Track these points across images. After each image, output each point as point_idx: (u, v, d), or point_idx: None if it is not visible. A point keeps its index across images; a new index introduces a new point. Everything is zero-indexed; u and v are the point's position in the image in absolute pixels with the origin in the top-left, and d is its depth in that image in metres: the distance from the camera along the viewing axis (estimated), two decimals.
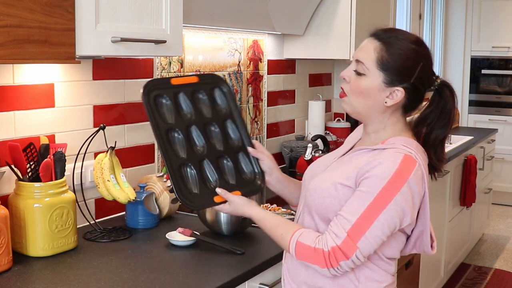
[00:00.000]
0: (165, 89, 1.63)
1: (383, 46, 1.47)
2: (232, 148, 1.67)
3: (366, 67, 1.48)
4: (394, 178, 1.40)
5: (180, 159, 1.58)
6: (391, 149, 1.46)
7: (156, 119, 1.59)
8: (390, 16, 3.64)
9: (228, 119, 1.70)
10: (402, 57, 1.47)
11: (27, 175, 1.83)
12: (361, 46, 1.53)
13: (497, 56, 6.17)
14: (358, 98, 1.51)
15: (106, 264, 1.77)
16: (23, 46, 1.48)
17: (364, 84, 1.49)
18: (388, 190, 1.40)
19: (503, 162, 6.09)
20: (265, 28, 2.92)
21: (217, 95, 1.72)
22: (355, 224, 1.40)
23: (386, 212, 1.40)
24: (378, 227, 1.40)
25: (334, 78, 3.97)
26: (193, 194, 1.57)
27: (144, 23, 1.83)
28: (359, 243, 1.40)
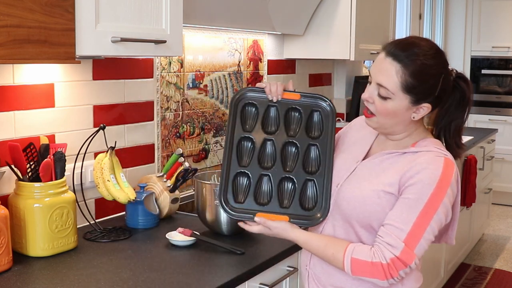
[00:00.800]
0: (260, 98, 1.63)
1: (404, 68, 1.45)
2: (304, 173, 1.59)
3: (390, 92, 1.47)
4: (441, 182, 1.43)
5: (240, 166, 1.57)
6: (429, 152, 1.48)
7: (236, 125, 1.59)
8: (390, 16, 3.64)
9: (315, 145, 1.62)
10: (425, 77, 1.47)
11: (27, 175, 1.83)
12: (379, 67, 1.50)
13: (497, 56, 6.17)
14: (386, 118, 1.51)
15: (106, 264, 1.77)
16: (23, 46, 1.48)
17: (391, 106, 1.49)
18: (436, 195, 1.43)
19: (503, 162, 6.09)
20: (265, 28, 2.92)
21: (315, 117, 1.65)
22: (410, 233, 1.41)
23: (436, 216, 1.43)
24: (430, 231, 1.43)
25: (334, 78, 3.97)
26: (237, 203, 1.55)
27: (144, 23, 1.83)
28: (416, 250, 1.42)
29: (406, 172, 1.46)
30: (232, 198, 1.55)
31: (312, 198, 1.58)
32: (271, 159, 1.60)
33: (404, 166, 1.47)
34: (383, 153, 1.56)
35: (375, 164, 1.55)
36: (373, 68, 1.53)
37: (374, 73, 1.51)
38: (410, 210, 1.42)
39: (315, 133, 1.63)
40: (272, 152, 1.60)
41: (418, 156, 1.48)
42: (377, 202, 1.48)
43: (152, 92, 2.42)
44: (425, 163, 1.45)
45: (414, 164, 1.46)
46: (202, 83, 2.70)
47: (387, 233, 1.43)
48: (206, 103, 2.73)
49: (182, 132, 2.61)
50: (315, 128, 1.64)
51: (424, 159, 1.46)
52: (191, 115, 2.65)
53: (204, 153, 2.75)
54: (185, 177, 2.24)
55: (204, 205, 2.05)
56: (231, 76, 2.89)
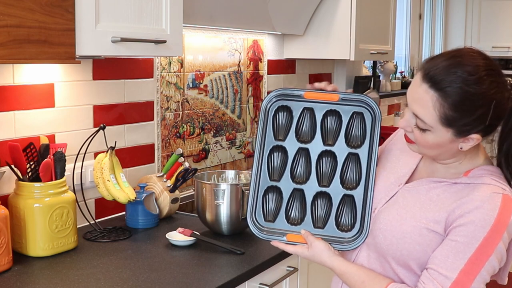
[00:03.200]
0: (294, 101, 1.44)
1: (442, 99, 1.23)
2: (341, 189, 1.42)
3: (428, 125, 1.27)
4: (496, 225, 1.22)
5: (271, 181, 1.44)
6: (484, 185, 1.27)
7: (266, 132, 1.45)
8: (390, 16, 3.63)
9: (355, 155, 1.43)
10: (470, 108, 1.23)
11: (27, 175, 1.83)
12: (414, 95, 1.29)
13: (497, 56, 6.17)
14: (429, 149, 1.32)
15: (106, 264, 1.77)
16: (23, 46, 1.48)
17: (431, 139, 1.29)
18: (490, 240, 1.23)
19: None
20: (265, 28, 2.92)
21: (357, 122, 1.44)
22: (456, 281, 1.23)
23: (488, 264, 1.23)
24: (480, 280, 1.24)
25: (334, 78, 3.97)
26: (267, 222, 1.44)
27: (144, 23, 1.83)
28: None
29: (456, 209, 1.26)
30: (261, 216, 1.43)
31: (349, 218, 1.42)
32: (305, 171, 1.44)
33: (454, 201, 1.28)
34: (431, 180, 1.36)
35: (420, 193, 1.35)
36: (408, 92, 1.31)
37: (409, 100, 1.30)
38: (458, 255, 1.23)
39: (356, 141, 1.44)
40: (307, 163, 1.44)
41: (471, 190, 1.27)
42: (417, 240, 1.30)
43: (152, 92, 2.42)
44: (479, 201, 1.24)
45: (466, 200, 1.26)
46: (202, 83, 2.70)
47: (430, 279, 1.26)
48: (206, 103, 2.73)
49: (182, 132, 2.61)
50: (356, 136, 1.44)
51: (478, 196, 1.25)
52: (191, 115, 2.65)
53: (204, 153, 2.75)
54: (185, 177, 2.24)
55: (204, 205, 2.05)
56: (231, 76, 2.89)
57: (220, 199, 2.00)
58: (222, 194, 2.00)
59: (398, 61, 5.46)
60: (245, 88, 3.00)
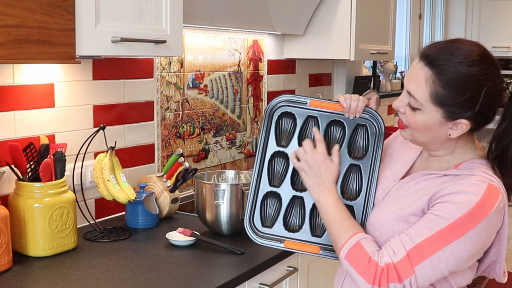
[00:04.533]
0: (298, 108, 1.44)
1: (435, 76, 1.26)
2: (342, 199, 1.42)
3: (419, 103, 1.30)
4: (475, 210, 1.23)
5: (270, 186, 1.44)
6: (471, 176, 1.29)
7: (269, 138, 1.44)
8: (390, 16, 3.64)
9: (357, 166, 1.44)
10: (459, 89, 1.26)
11: (27, 175, 1.83)
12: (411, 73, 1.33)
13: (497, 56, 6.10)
14: (418, 132, 1.35)
15: (106, 264, 1.77)
16: (23, 46, 1.48)
17: (421, 119, 1.31)
18: (464, 222, 1.23)
19: None
20: (265, 28, 2.92)
21: (360, 133, 1.45)
22: (418, 245, 1.24)
23: (455, 245, 1.24)
24: (442, 258, 1.24)
25: (334, 78, 3.97)
26: (264, 227, 1.44)
27: (144, 23, 1.83)
28: (417, 268, 1.24)
29: (440, 191, 1.29)
30: (259, 222, 1.43)
31: None
32: None
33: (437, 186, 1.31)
34: (423, 173, 1.39)
35: (410, 186, 1.38)
36: (407, 74, 1.36)
37: (406, 79, 1.35)
38: (428, 225, 1.26)
39: (358, 153, 1.44)
40: None
41: (459, 179, 1.30)
42: (404, 227, 1.31)
43: (152, 92, 2.42)
44: (463, 186, 1.26)
45: (450, 184, 1.29)
46: (202, 83, 2.70)
47: (396, 239, 1.28)
48: (206, 103, 2.73)
49: (182, 132, 2.61)
50: (359, 147, 1.45)
51: (463, 182, 1.28)
52: (191, 115, 2.65)
53: (204, 153, 2.75)
54: (185, 177, 2.24)
55: (204, 205, 2.05)
56: (231, 76, 2.89)
57: (220, 199, 2.00)
58: (222, 194, 2.00)
59: (398, 61, 5.46)
60: (245, 88, 3.00)
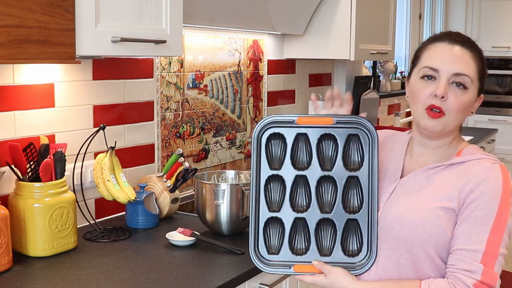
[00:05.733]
0: (286, 127, 1.41)
1: (475, 54, 1.40)
2: (345, 214, 1.40)
3: (470, 80, 1.37)
4: (504, 192, 1.32)
5: (270, 212, 1.40)
6: (480, 160, 1.37)
7: (261, 163, 1.40)
8: (390, 16, 3.64)
9: (356, 177, 1.41)
10: (484, 62, 1.43)
11: (27, 175, 1.83)
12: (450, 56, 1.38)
13: (497, 56, 6.17)
14: (457, 115, 1.38)
15: (106, 264, 1.77)
16: (23, 46, 1.48)
17: (468, 98, 1.38)
18: (504, 206, 1.32)
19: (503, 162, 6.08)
20: (265, 28, 2.92)
21: (353, 144, 1.42)
22: (486, 252, 1.29)
23: (507, 228, 1.32)
24: (504, 245, 1.32)
25: (334, 78, 3.97)
26: (271, 254, 1.41)
27: (144, 23, 1.83)
28: (496, 268, 1.30)
29: (465, 186, 1.33)
30: (265, 250, 1.40)
31: (356, 242, 1.40)
32: (305, 199, 1.41)
33: (459, 179, 1.35)
34: (427, 168, 1.41)
35: (421, 181, 1.40)
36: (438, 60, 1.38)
37: (445, 64, 1.37)
38: (480, 228, 1.30)
39: (354, 164, 1.42)
40: (306, 190, 1.41)
41: (470, 166, 1.36)
42: (435, 222, 1.33)
43: (152, 92, 2.42)
44: (484, 173, 1.33)
45: (471, 175, 1.34)
46: (202, 83, 2.70)
47: (460, 258, 1.30)
48: (206, 103, 2.73)
49: (182, 132, 2.61)
50: (354, 158, 1.42)
51: (480, 169, 1.34)
52: (191, 115, 2.65)
53: (204, 153, 2.75)
54: (185, 177, 2.24)
55: (204, 205, 2.05)
56: (231, 76, 2.89)
57: (220, 199, 2.00)
58: (222, 194, 2.00)
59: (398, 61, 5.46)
60: (245, 88, 3.00)
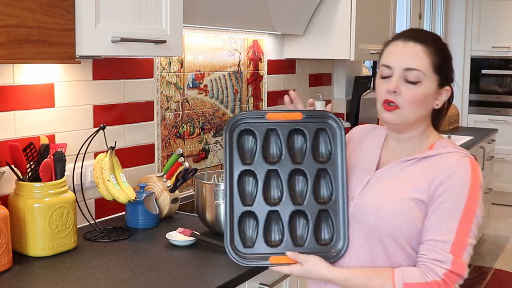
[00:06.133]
0: (257, 123, 1.45)
1: (430, 48, 1.43)
2: (317, 204, 1.45)
3: (422, 74, 1.41)
4: (473, 184, 1.38)
5: (244, 206, 1.43)
6: (452, 153, 1.42)
7: (233, 158, 1.43)
8: (390, 16, 3.64)
9: (326, 169, 1.46)
10: (447, 56, 1.47)
11: (27, 175, 1.83)
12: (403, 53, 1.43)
13: (497, 56, 6.17)
14: (413, 107, 1.43)
15: (106, 264, 1.77)
16: (23, 46, 1.48)
17: (422, 91, 1.42)
18: (472, 198, 1.37)
19: (503, 162, 6.09)
20: (265, 28, 2.92)
21: (322, 137, 1.47)
22: (455, 243, 1.36)
23: (475, 219, 1.38)
24: (472, 235, 1.38)
25: (334, 78, 3.97)
26: (246, 248, 1.42)
27: (144, 23, 1.83)
28: (464, 258, 1.37)
29: (435, 178, 1.38)
30: (240, 244, 1.42)
31: (328, 231, 1.45)
32: (277, 192, 1.44)
33: (430, 172, 1.40)
34: (401, 160, 1.46)
35: (395, 174, 1.45)
36: (391, 57, 1.45)
37: (397, 61, 1.43)
38: (450, 219, 1.36)
39: (324, 156, 1.47)
40: (278, 184, 1.44)
41: (441, 159, 1.41)
42: (407, 213, 1.39)
43: (152, 92, 2.42)
44: (454, 166, 1.39)
45: (441, 168, 1.39)
46: (202, 83, 2.70)
47: (430, 249, 1.36)
48: (206, 103, 2.73)
49: (182, 132, 2.61)
50: (323, 151, 1.47)
51: (450, 162, 1.39)
52: (191, 115, 2.65)
53: (204, 153, 2.75)
54: (185, 177, 2.24)
55: (204, 205, 2.05)
56: (231, 76, 2.89)
57: (220, 199, 2.00)
58: (222, 194, 2.00)
59: None
60: (245, 88, 3.00)
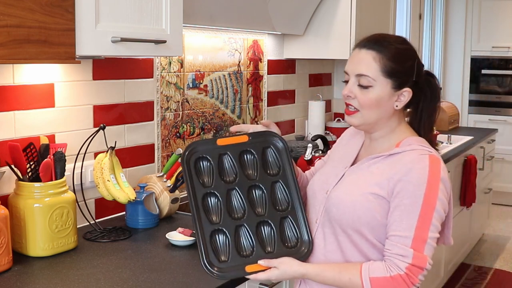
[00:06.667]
0: (209, 150, 1.55)
1: (381, 54, 1.49)
2: (277, 213, 1.55)
3: (371, 79, 1.49)
4: (431, 180, 1.43)
5: (213, 225, 1.50)
6: (413, 151, 1.48)
7: (194, 184, 1.52)
8: (390, 16, 3.64)
9: (278, 181, 1.58)
10: (402, 59, 1.51)
11: (27, 175, 1.83)
12: (355, 60, 1.53)
13: (497, 56, 6.17)
14: (369, 110, 1.51)
15: (106, 264, 1.77)
16: (23, 46, 1.48)
17: (374, 95, 1.50)
18: (430, 194, 1.42)
19: (503, 162, 6.09)
20: (265, 28, 2.92)
21: (269, 154, 1.60)
22: (415, 238, 1.41)
23: (436, 213, 1.43)
24: (434, 230, 1.43)
25: (334, 78, 3.97)
26: (222, 262, 1.48)
27: (144, 23, 1.83)
28: (425, 251, 1.42)
29: (393, 175, 1.45)
30: (215, 259, 1.48)
31: (293, 234, 1.55)
32: (240, 208, 1.54)
33: (391, 169, 1.47)
34: (370, 157, 1.55)
35: (362, 169, 1.55)
36: (348, 64, 1.55)
37: (351, 68, 1.53)
38: (409, 215, 1.42)
39: (274, 170, 1.59)
40: (239, 200, 1.54)
41: (402, 157, 1.48)
42: (366, 206, 1.47)
43: (152, 92, 2.42)
44: (410, 163, 1.45)
45: (400, 166, 1.46)
46: (202, 83, 2.70)
47: (393, 244, 1.43)
48: (206, 103, 2.73)
49: (182, 132, 2.61)
50: (272, 165, 1.60)
51: (408, 159, 1.46)
52: (191, 115, 2.65)
53: None
54: None
55: None
56: (231, 76, 2.89)
57: None
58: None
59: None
60: (245, 88, 3.00)
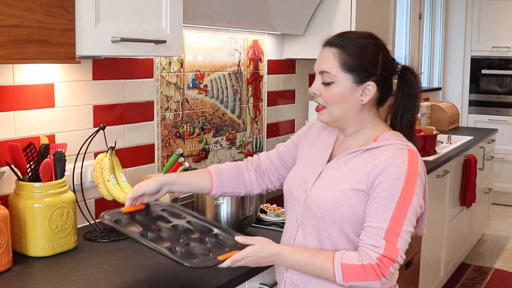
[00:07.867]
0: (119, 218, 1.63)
1: (341, 49, 1.53)
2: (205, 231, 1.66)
3: (332, 75, 1.52)
4: (409, 174, 1.45)
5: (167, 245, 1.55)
6: (391, 145, 1.50)
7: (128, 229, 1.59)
8: (390, 16, 3.64)
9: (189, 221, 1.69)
10: (362, 54, 1.52)
11: (27, 175, 1.83)
12: (319, 58, 1.57)
13: (497, 56, 6.17)
14: (335, 106, 1.54)
15: (106, 264, 1.77)
16: (23, 46, 1.48)
17: (336, 90, 1.53)
18: (407, 188, 1.45)
19: (503, 162, 6.09)
20: (265, 28, 2.92)
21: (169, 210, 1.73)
22: (388, 229, 1.44)
23: (411, 207, 1.45)
24: (408, 223, 1.46)
25: None
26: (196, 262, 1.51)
27: (144, 23, 1.83)
28: (398, 244, 1.44)
29: (373, 169, 1.47)
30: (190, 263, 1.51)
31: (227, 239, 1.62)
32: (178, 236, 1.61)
33: (369, 163, 1.49)
34: (347, 152, 1.57)
35: (340, 165, 1.56)
36: (316, 62, 1.58)
37: (316, 66, 1.57)
38: (385, 207, 1.44)
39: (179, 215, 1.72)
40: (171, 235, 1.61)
41: (381, 151, 1.50)
42: (347, 202, 1.49)
43: (152, 92, 2.42)
44: (390, 158, 1.47)
45: (379, 160, 1.48)
46: (202, 83, 2.70)
47: (367, 235, 1.45)
48: (206, 103, 2.74)
49: (182, 132, 2.61)
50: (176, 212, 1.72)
51: (388, 154, 1.48)
52: (191, 115, 2.65)
53: (204, 153, 2.75)
54: None
55: (204, 205, 2.05)
56: (231, 76, 2.89)
57: (220, 199, 2.00)
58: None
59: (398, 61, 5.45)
60: (245, 88, 3.00)
